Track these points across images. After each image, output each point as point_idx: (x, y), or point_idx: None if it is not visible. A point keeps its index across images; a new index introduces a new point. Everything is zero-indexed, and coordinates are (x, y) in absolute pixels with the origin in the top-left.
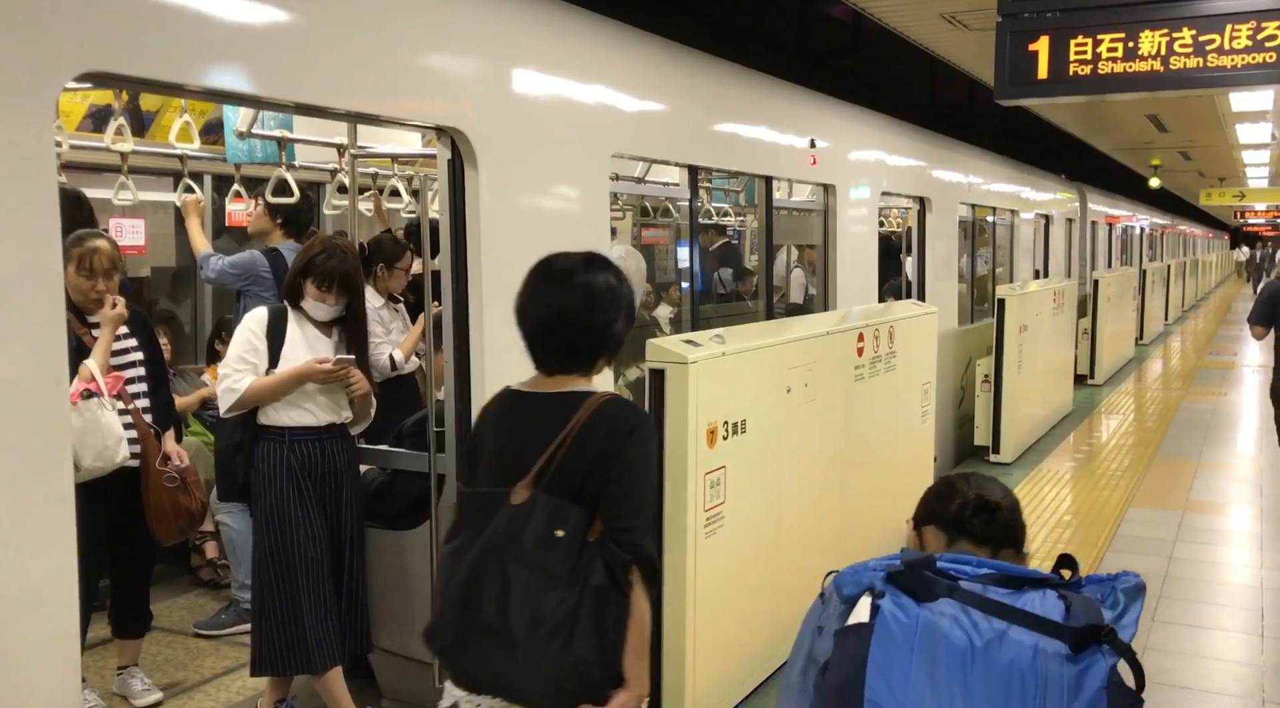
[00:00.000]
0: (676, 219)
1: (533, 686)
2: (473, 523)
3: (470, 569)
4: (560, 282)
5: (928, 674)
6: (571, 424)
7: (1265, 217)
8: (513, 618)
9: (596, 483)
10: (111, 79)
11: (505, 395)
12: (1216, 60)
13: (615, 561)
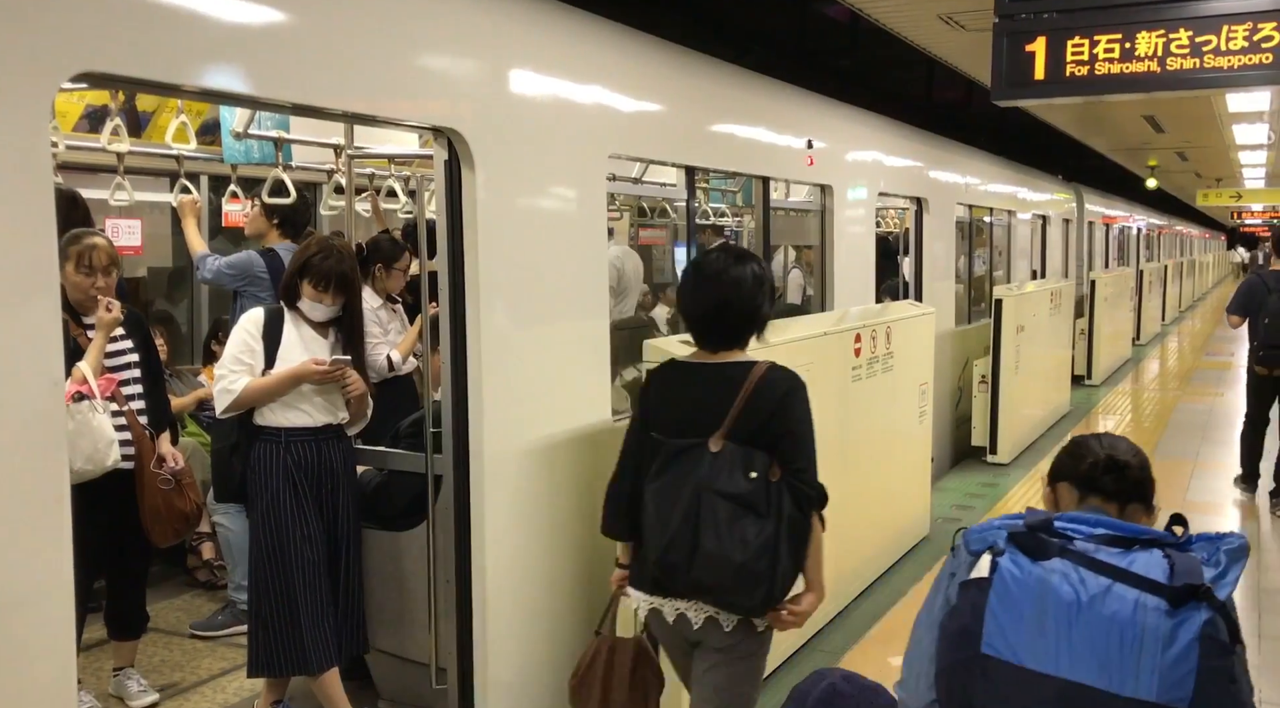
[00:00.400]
0: (674, 220)
1: (747, 595)
2: (678, 468)
3: (688, 506)
4: (717, 278)
5: (1038, 624)
6: (745, 388)
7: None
8: (729, 545)
9: (770, 435)
10: (107, 79)
11: (674, 366)
12: (1213, 61)
13: (801, 495)
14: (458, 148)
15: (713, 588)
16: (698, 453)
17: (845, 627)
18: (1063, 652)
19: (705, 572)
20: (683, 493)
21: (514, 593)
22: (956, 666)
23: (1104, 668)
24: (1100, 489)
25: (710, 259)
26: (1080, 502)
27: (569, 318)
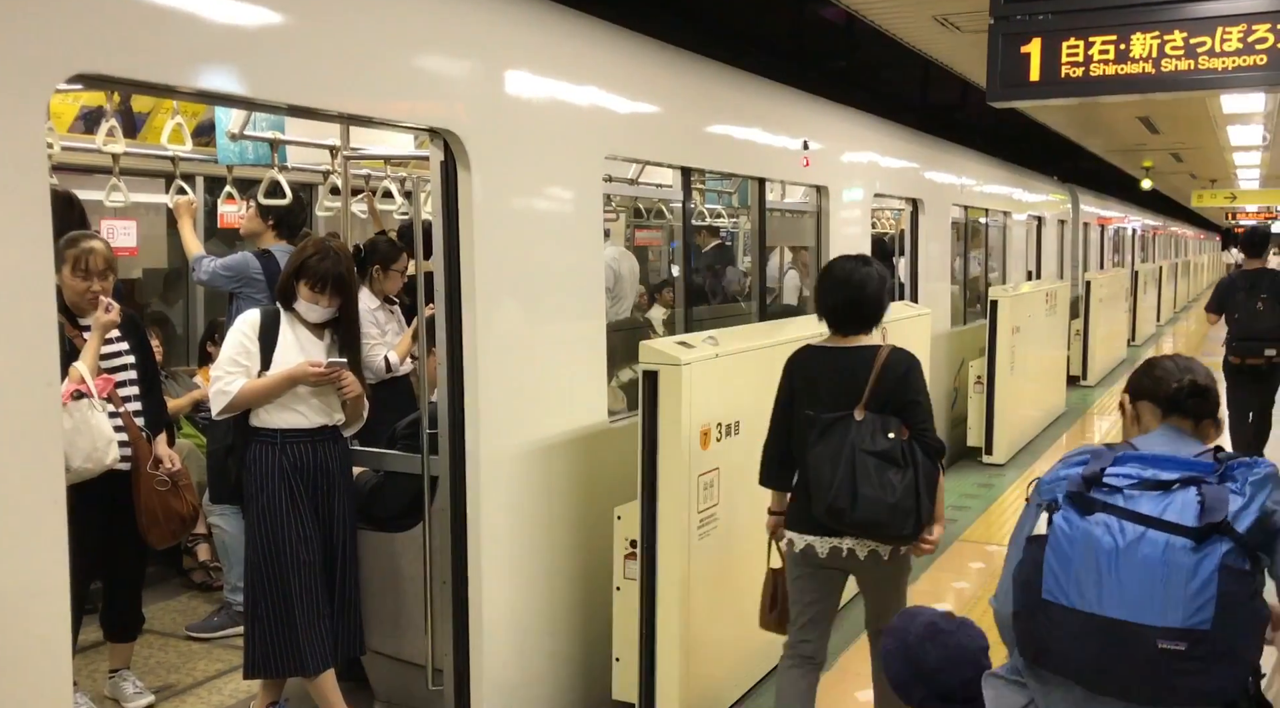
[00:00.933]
0: (670, 221)
1: (900, 526)
2: (833, 434)
3: (845, 464)
4: (848, 278)
5: (1085, 572)
6: (876, 366)
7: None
8: (881, 490)
9: (898, 402)
10: (103, 81)
11: (814, 350)
12: (1207, 63)
13: (929, 449)
14: (454, 149)
15: (875, 525)
16: (846, 422)
17: (842, 627)
18: (1106, 593)
19: (867, 513)
20: (840, 454)
21: (510, 594)
22: (1024, 610)
23: (1139, 604)
24: (1184, 411)
25: (840, 263)
26: (1163, 418)
27: (565, 319)
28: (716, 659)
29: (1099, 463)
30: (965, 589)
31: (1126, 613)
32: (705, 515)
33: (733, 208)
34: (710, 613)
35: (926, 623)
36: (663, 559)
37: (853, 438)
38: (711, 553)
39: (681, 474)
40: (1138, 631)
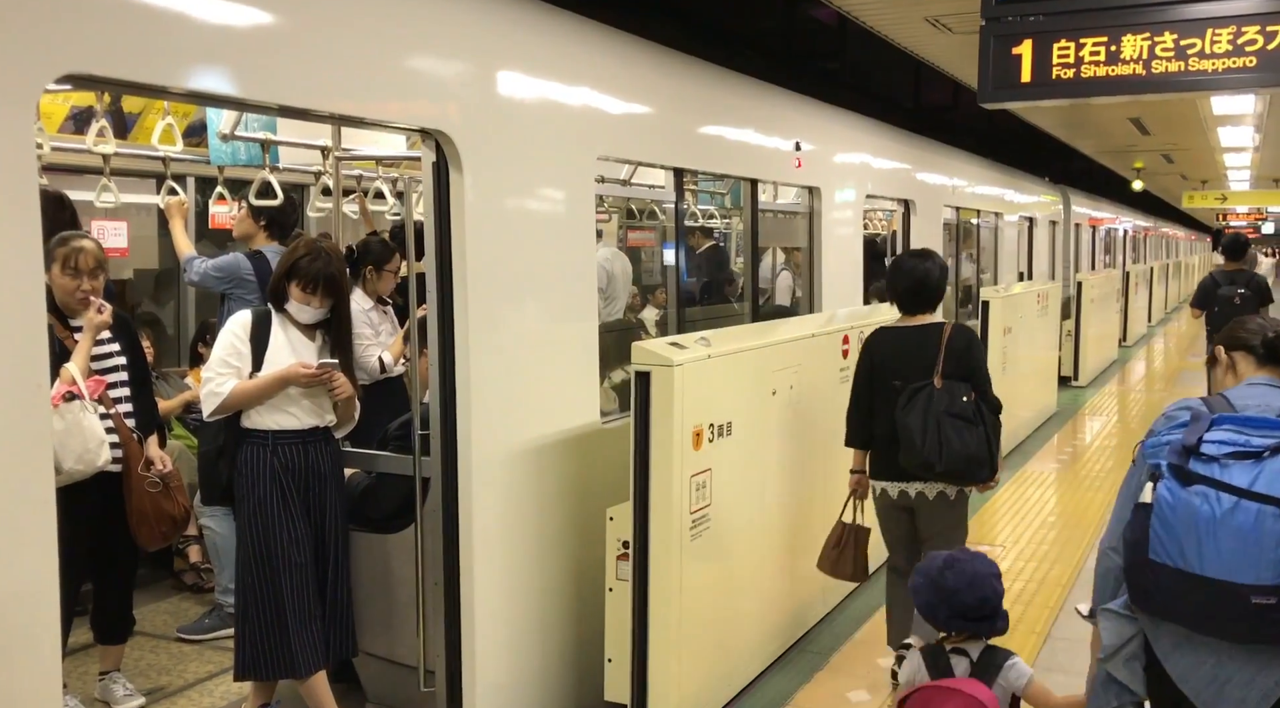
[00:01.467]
0: (663, 221)
1: (977, 473)
2: (918, 400)
3: (935, 424)
4: (913, 268)
5: (1187, 537)
6: (942, 341)
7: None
8: (965, 444)
9: (964, 371)
10: (93, 81)
11: (888, 330)
12: (1197, 64)
13: (992, 409)
14: (445, 150)
15: (958, 473)
16: (929, 390)
17: (834, 627)
18: (1206, 556)
19: (952, 464)
20: (927, 417)
21: (502, 595)
22: (1133, 566)
23: (1234, 566)
24: (1277, 359)
25: (906, 257)
26: (1259, 368)
27: (558, 320)
28: (709, 660)
29: (1197, 430)
30: None
31: (1223, 573)
32: (698, 516)
33: (725, 209)
34: (703, 614)
35: (945, 557)
36: (655, 560)
37: (935, 403)
38: (704, 554)
39: (673, 475)
40: (1234, 589)
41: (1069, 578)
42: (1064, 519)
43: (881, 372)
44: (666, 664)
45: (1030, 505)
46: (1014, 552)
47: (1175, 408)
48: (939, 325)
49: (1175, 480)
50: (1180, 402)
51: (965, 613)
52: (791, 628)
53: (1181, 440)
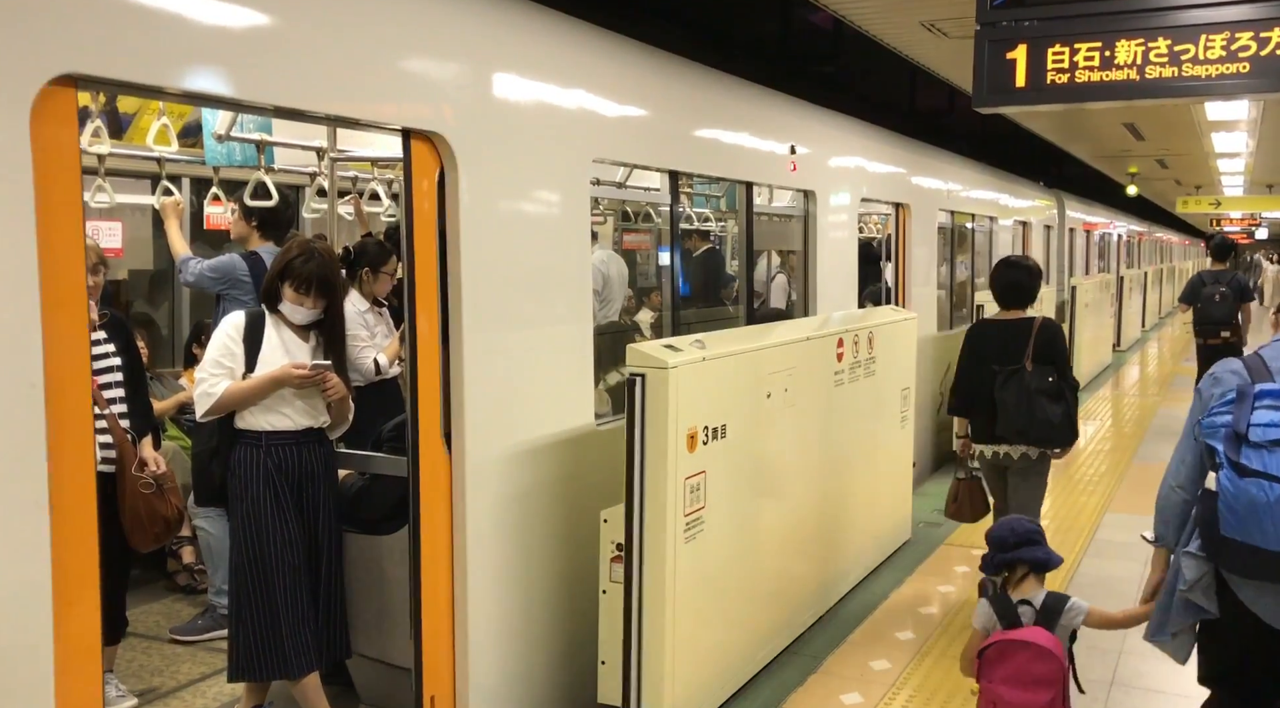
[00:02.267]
0: (658, 224)
1: (1062, 439)
2: (1013, 380)
3: (1026, 399)
4: (1010, 270)
5: (1250, 518)
6: (1033, 332)
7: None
8: (1050, 416)
9: (1049, 356)
10: (89, 81)
11: (988, 322)
12: (1191, 70)
13: (1071, 388)
14: (441, 151)
15: (1044, 439)
16: (1022, 371)
17: (828, 630)
18: (1267, 533)
19: (1041, 431)
20: (1020, 393)
21: (495, 597)
22: (1209, 539)
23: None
24: None
25: (1004, 262)
26: None
27: (552, 322)
28: (702, 663)
29: (1243, 413)
30: (950, 593)
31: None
32: (691, 519)
33: (720, 211)
34: (696, 617)
35: (999, 524)
36: (648, 563)
37: (1026, 382)
38: (698, 556)
39: (668, 478)
40: None
41: (1062, 581)
42: (1058, 522)
43: (980, 355)
44: (660, 667)
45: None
46: None
47: (1222, 370)
48: (1030, 320)
49: (1232, 471)
50: (1225, 363)
51: (1002, 544)
52: (785, 631)
53: (1232, 425)
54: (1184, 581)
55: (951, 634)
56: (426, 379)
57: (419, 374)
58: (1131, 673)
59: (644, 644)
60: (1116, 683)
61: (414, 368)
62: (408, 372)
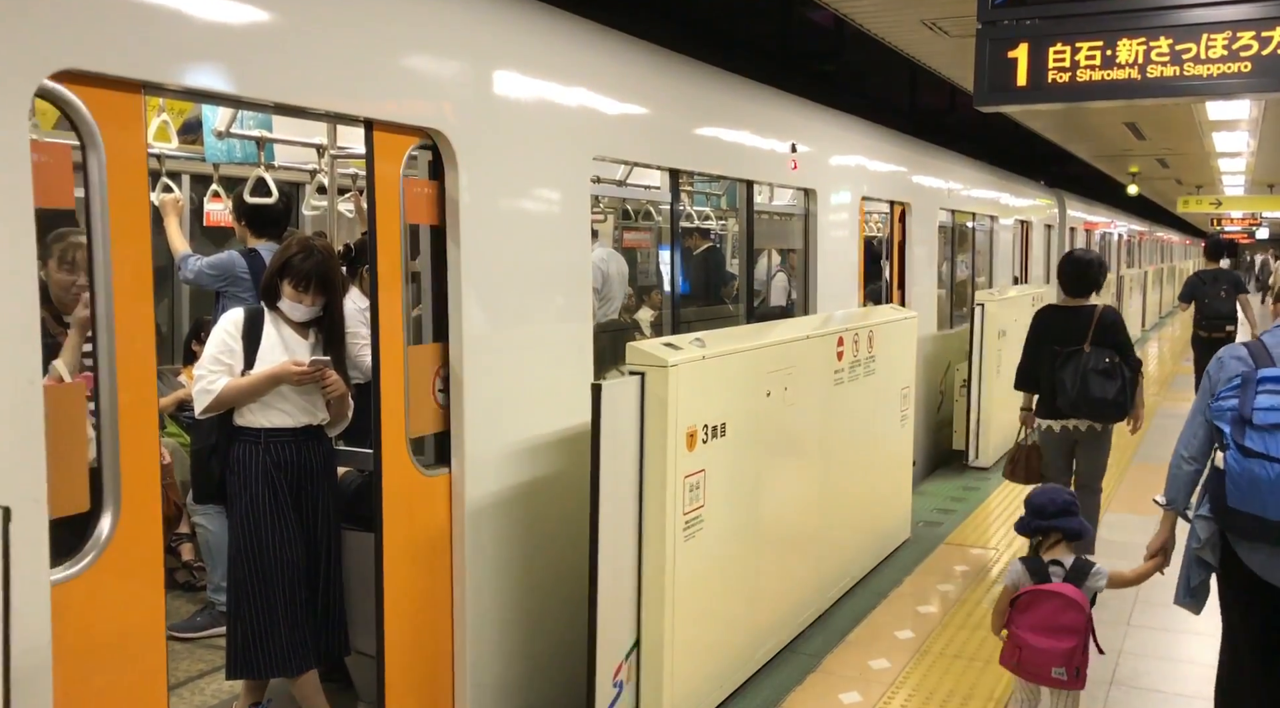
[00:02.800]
0: (658, 222)
1: (1118, 413)
2: (1073, 361)
3: (1083, 379)
4: (1076, 262)
5: (1253, 492)
6: (1094, 317)
7: (1241, 225)
8: (1106, 391)
9: (1110, 340)
10: (88, 78)
11: (1053, 307)
12: (1193, 69)
13: (1133, 368)
14: (441, 148)
15: (1100, 413)
16: (1080, 353)
17: (827, 629)
18: (1268, 505)
19: (1098, 407)
20: (1079, 372)
21: (494, 594)
22: (1219, 510)
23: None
24: None
25: (1070, 253)
26: None
27: (553, 319)
28: (701, 662)
29: (1248, 399)
30: (950, 592)
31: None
32: (691, 518)
33: (721, 210)
34: (695, 615)
35: (1041, 490)
36: (648, 561)
37: (1083, 362)
38: (697, 555)
39: (667, 476)
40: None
41: None
42: None
43: (1046, 337)
44: (659, 665)
45: None
46: (1007, 555)
47: (1228, 356)
48: (1092, 307)
49: (1238, 451)
50: (1230, 348)
51: (1041, 511)
52: (784, 630)
53: (1237, 409)
54: (1197, 540)
55: (951, 633)
56: (390, 381)
57: (383, 376)
58: (1130, 673)
59: (643, 643)
60: (1116, 683)
61: (377, 369)
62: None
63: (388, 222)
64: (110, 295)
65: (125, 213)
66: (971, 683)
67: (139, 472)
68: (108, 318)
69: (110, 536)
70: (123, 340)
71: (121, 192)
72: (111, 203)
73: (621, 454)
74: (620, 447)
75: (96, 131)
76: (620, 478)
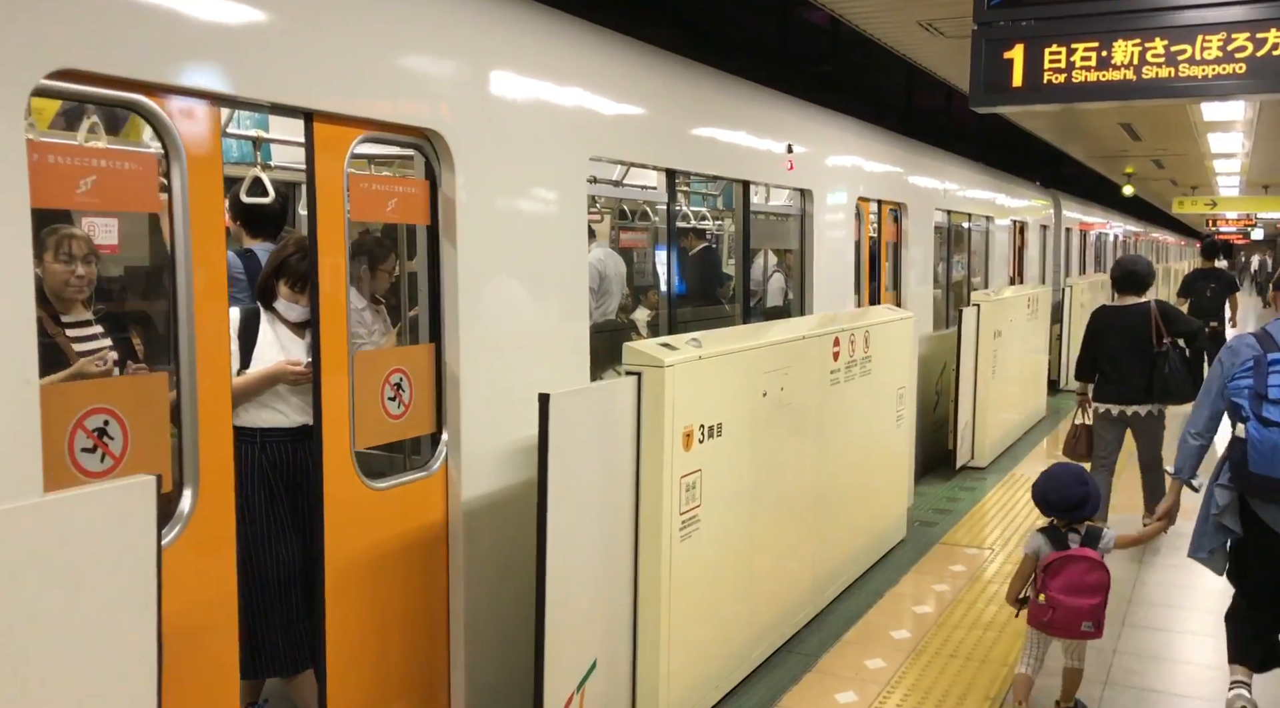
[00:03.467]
0: (655, 222)
1: (1184, 395)
2: (1135, 352)
3: (1150, 366)
4: (1126, 265)
5: (1273, 458)
6: (1151, 315)
7: (1236, 225)
8: (1178, 382)
9: (1171, 329)
10: (84, 77)
11: (1109, 306)
12: (1188, 70)
13: (1196, 353)
14: (438, 148)
15: (1164, 396)
16: (1144, 344)
17: (823, 629)
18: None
19: (1161, 392)
20: (1144, 361)
21: (490, 596)
22: (1239, 476)
23: None
24: None
25: (1124, 258)
26: None
27: (549, 319)
28: (697, 662)
29: (1262, 377)
30: (945, 592)
31: None
32: (687, 518)
33: (717, 210)
34: (691, 615)
35: (1046, 470)
36: (643, 561)
37: (1148, 352)
38: (693, 555)
39: (664, 476)
40: None
41: None
42: None
43: (1105, 332)
44: (654, 667)
45: (1019, 509)
46: (1002, 555)
47: (1239, 343)
48: (1147, 303)
49: (1258, 422)
50: (1239, 337)
51: (1054, 505)
52: (780, 629)
53: (1254, 388)
54: (1216, 506)
55: (946, 633)
56: (333, 389)
57: (324, 384)
58: (1123, 672)
59: (638, 643)
60: (1110, 683)
61: (318, 377)
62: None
63: (330, 219)
64: (190, 293)
65: (203, 217)
66: (967, 683)
67: (216, 452)
68: (188, 314)
69: (191, 511)
70: (201, 334)
71: (200, 197)
72: (192, 208)
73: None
74: (581, 457)
75: (179, 140)
76: (584, 486)
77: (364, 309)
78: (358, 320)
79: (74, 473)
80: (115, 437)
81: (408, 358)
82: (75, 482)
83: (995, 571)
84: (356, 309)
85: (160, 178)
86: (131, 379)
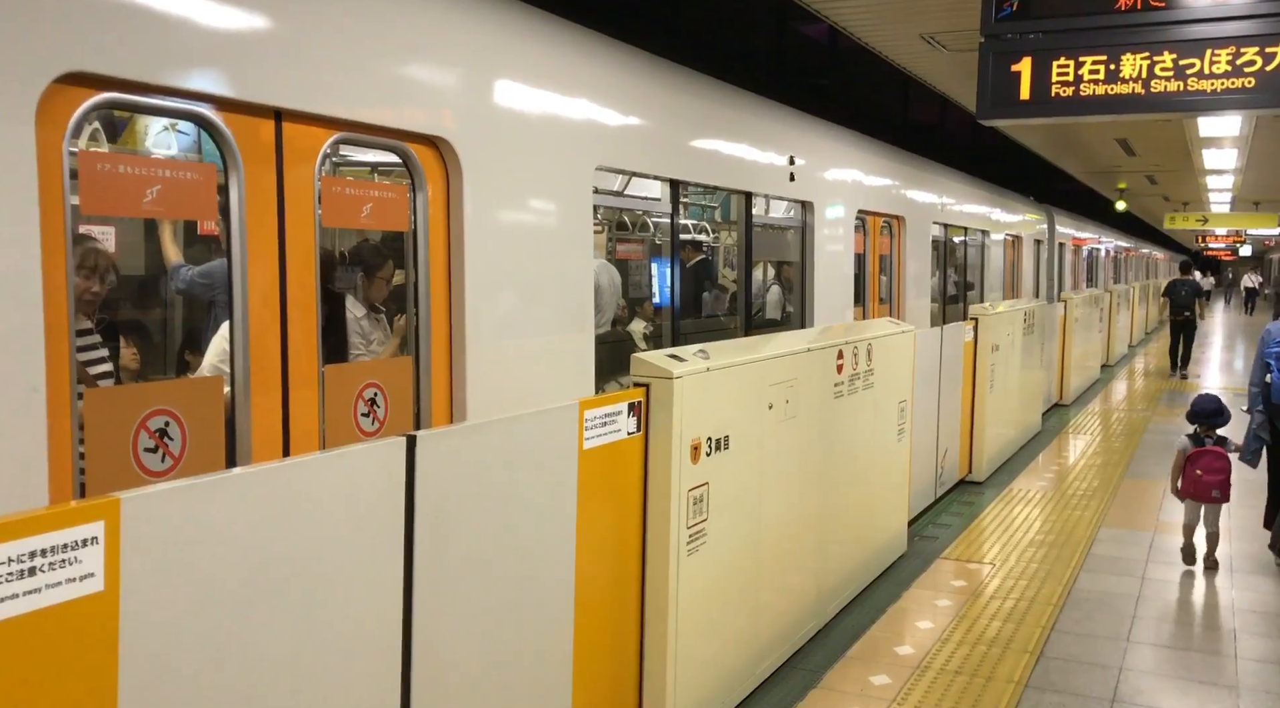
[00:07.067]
0: (652, 234)
1: None
2: None
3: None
4: (1180, 285)
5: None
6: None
7: (1225, 241)
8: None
9: None
10: (91, 81)
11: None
12: (1196, 84)
13: None
14: (445, 156)
15: None
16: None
17: (826, 644)
18: None
19: None
20: None
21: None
22: (1266, 405)
23: None
24: None
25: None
26: None
27: (554, 329)
28: (703, 676)
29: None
30: (948, 606)
31: None
32: (694, 531)
33: (716, 222)
34: (699, 629)
35: (1206, 397)
36: (651, 575)
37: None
38: (700, 569)
39: (671, 490)
40: None
41: (1059, 597)
42: (1053, 537)
43: None
44: (661, 679)
45: (1018, 524)
46: (1003, 571)
47: (1275, 326)
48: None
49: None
50: (1276, 323)
51: (1199, 413)
52: (784, 645)
53: (1278, 353)
54: (1255, 422)
55: (950, 649)
56: (302, 404)
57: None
58: (1132, 690)
59: (646, 656)
60: (1118, 700)
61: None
62: None
63: (260, 226)
64: (245, 300)
65: (259, 228)
66: (974, 700)
67: (267, 443)
68: (243, 318)
69: None
70: (255, 337)
71: (257, 209)
72: (249, 220)
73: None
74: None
75: (238, 154)
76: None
77: (362, 318)
78: (355, 329)
79: (138, 473)
80: (174, 437)
81: (381, 371)
82: (139, 482)
83: (995, 588)
84: (355, 317)
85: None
86: (189, 382)
